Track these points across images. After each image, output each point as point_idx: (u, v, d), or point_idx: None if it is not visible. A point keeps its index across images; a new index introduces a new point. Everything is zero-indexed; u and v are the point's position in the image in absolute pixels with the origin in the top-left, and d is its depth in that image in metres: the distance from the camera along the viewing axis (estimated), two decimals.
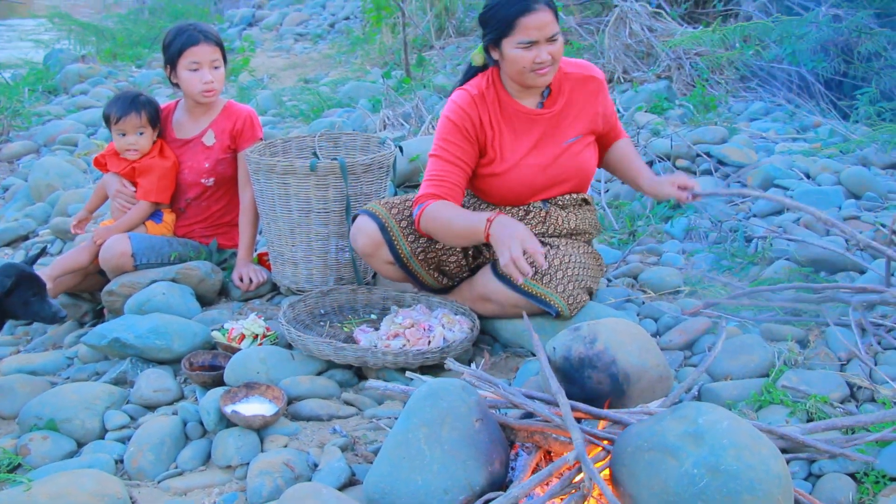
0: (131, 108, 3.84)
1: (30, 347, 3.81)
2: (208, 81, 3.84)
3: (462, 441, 2.21)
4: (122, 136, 3.87)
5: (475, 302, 3.34)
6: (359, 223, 3.35)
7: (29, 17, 15.62)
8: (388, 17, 8.26)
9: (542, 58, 3.10)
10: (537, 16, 3.07)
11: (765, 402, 2.65)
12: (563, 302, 3.13)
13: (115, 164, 3.95)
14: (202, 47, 3.82)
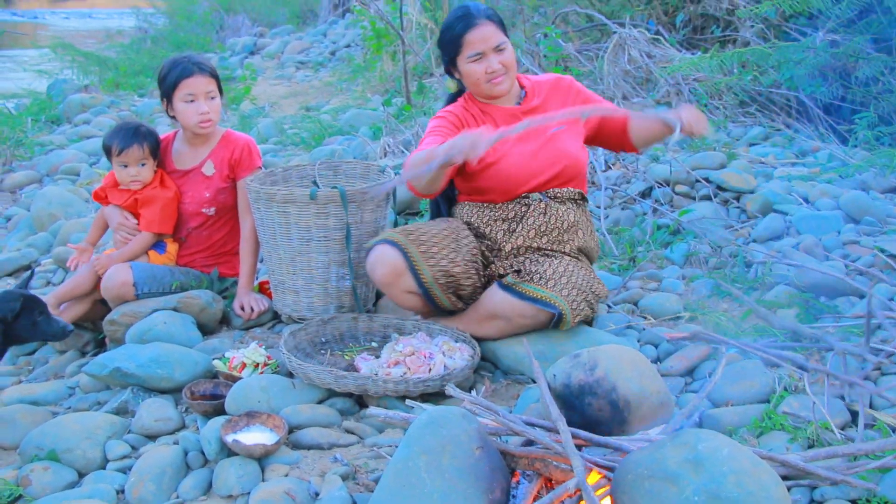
0: (133, 139, 3.86)
1: (31, 377, 3.81)
2: (204, 112, 3.86)
3: (463, 469, 2.20)
4: (123, 167, 3.88)
5: (482, 322, 3.36)
6: (379, 252, 3.34)
7: (32, 47, 15.74)
8: (388, 45, 8.30)
9: (492, 67, 3.39)
10: (479, 30, 3.37)
11: (766, 428, 2.65)
12: (566, 305, 3.19)
13: (117, 196, 3.96)
14: (197, 79, 3.84)
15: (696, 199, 4.65)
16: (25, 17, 27.89)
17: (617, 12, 7.25)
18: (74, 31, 22.20)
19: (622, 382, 2.55)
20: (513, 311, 3.25)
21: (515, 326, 3.30)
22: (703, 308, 3.59)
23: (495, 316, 3.31)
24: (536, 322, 3.26)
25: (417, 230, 3.39)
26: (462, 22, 3.40)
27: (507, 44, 3.41)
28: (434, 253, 3.32)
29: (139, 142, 3.86)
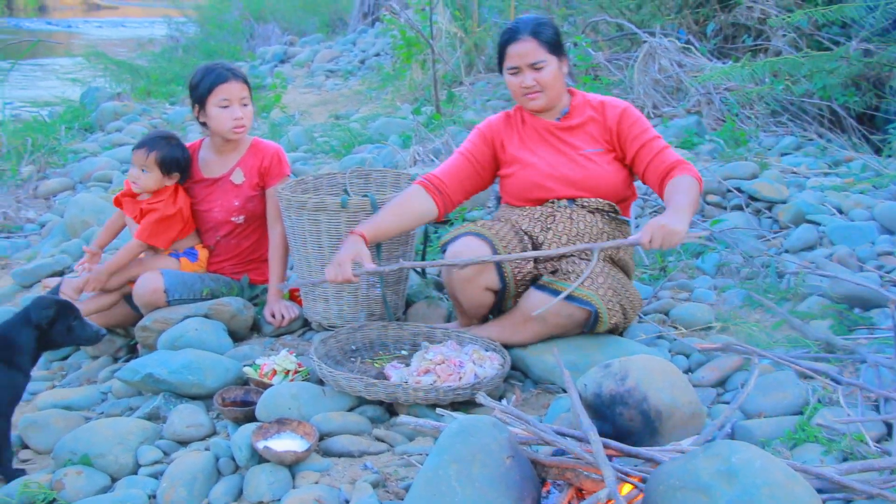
0: (144, 144, 3.88)
1: (65, 382, 3.85)
2: (239, 118, 3.88)
3: (493, 478, 2.20)
4: (132, 166, 3.92)
5: (517, 328, 3.35)
6: (466, 244, 3.32)
7: (66, 55, 15.91)
8: (417, 53, 8.32)
9: (526, 83, 3.44)
10: (519, 45, 3.42)
11: (799, 440, 2.63)
12: (602, 304, 3.18)
13: (130, 207, 3.98)
14: (232, 84, 3.87)
15: (727, 208, 4.62)
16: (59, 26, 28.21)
17: (647, 21, 7.24)
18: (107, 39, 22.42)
19: (653, 393, 2.54)
20: (549, 310, 3.23)
21: (552, 327, 3.29)
22: (734, 318, 3.57)
23: (531, 318, 3.30)
24: (572, 322, 3.25)
25: (492, 227, 3.40)
26: (507, 34, 3.47)
27: (546, 63, 3.41)
28: (510, 249, 3.33)
29: (149, 147, 3.86)
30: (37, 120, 9.16)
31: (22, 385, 2.99)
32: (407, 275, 3.86)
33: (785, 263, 3.91)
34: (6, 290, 5.04)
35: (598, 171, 3.45)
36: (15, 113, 9.51)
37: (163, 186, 3.92)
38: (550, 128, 3.54)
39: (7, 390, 2.90)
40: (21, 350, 2.95)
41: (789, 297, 3.66)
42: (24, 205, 6.73)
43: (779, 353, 3.15)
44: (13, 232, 6.32)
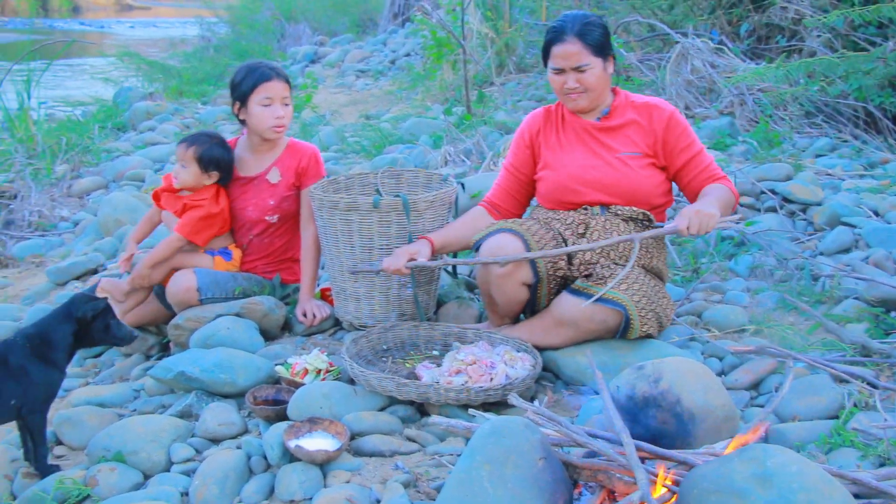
0: (186, 139, 3.93)
1: (98, 379, 3.88)
2: (280, 117, 3.90)
3: (526, 480, 2.19)
4: (175, 162, 3.95)
5: (547, 330, 3.35)
6: (500, 241, 3.32)
7: (99, 55, 16.06)
8: (448, 53, 8.32)
9: (569, 84, 3.42)
10: (564, 46, 3.39)
11: (835, 444, 2.60)
12: (634, 309, 3.17)
13: (170, 202, 4.00)
14: (275, 83, 3.89)
15: (761, 210, 4.59)
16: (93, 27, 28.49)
17: (680, 22, 7.20)
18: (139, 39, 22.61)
19: (687, 395, 2.52)
20: (582, 315, 3.22)
21: (583, 333, 3.28)
22: (768, 321, 3.54)
23: (563, 323, 3.29)
24: (605, 328, 3.24)
25: (524, 223, 3.40)
26: (553, 33, 3.43)
27: (590, 65, 3.38)
28: (543, 245, 3.33)
29: (189, 142, 3.89)
30: (71, 119, 9.25)
31: (58, 382, 3.02)
32: (438, 275, 3.86)
33: (820, 266, 3.87)
34: (40, 287, 5.09)
35: (632, 176, 3.42)
36: (49, 112, 9.60)
37: (201, 184, 3.93)
38: (589, 128, 3.52)
39: (43, 387, 2.93)
40: (58, 346, 2.97)
41: (824, 300, 3.63)
42: (58, 203, 6.80)
43: (814, 356, 3.12)
44: (47, 230, 6.39)
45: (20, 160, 7.25)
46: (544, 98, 7.60)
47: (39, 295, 5.00)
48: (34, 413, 2.91)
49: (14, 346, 2.92)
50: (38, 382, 2.90)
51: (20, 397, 2.86)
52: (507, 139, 6.04)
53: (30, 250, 5.97)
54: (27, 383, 2.88)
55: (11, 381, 2.85)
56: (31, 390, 2.89)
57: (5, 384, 2.84)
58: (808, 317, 3.53)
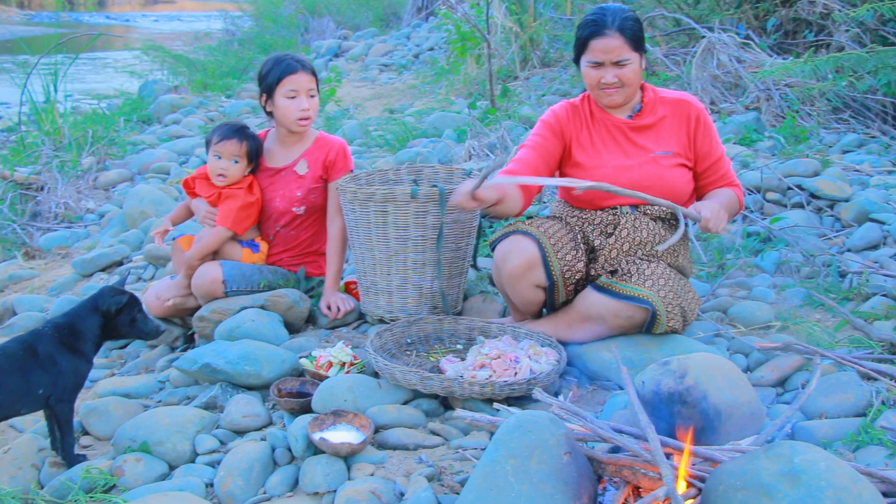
0: (234, 135, 3.92)
1: (123, 371, 3.90)
2: (305, 109, 3.91)
3: (550, 474, 2.18)
4: (217, 158, 3.94)
5: (572, 325, 3.34)
6: (514, 242, 3.34)
7: (125, 49, 16.15)
8: (472, 48, 8.32)
9: (607, 79, 3.33)
10: (605, 40, 3.29)
11: (862, 442, 2.58)
12: (661, 304, 3.16)
13: (204, 189, 4.01)
14: (300, 75, 3.90)
15: (787, 206, 4.55)
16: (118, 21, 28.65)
17: (706, 16, 7.15)
18: (164, 33, 22.73)
19: (713, 391, 2.50)
20: (608, 311, 3.22)
21: (610, 329, 3.27)
22: (795, 318, 3.51)
23: (589, 318, 3.28)
24: (632, 323, 3.23)
25: (542, 224, 3.39)
26: (592, 27, 3.32)
27: (630, 61, 3.31)
28: (560, 248, 3.32)
29: (239, 139, 3.91)
30: (96, 112, 9.31)
31: (85, 372, 3.03)
32: (465, 269, 3.86)
33: (847, 262, 3.84)
34: (67, 279, 5.13)
35: (666, 177, 3.38)
36: (75, 105, 9.67)
37: (243, 175, 3.98)
38: (622, 126, 3.45)
39: (71, 376, 2.95)
40: (85, 337, 3.00)
41: (852, 297, 3.60)
42: (84, 195, 6.85)
43: (841, 353, 3.09)
44: (73, 222, 6.44)
45: (47, 152, 7.30)
46: (568, 92, 7.58)
47: (65, 286, 5.04)
48: (62, 402, 2.93)
49: (43, 336, 2.95)
50: (66, 372, 2.92)
51: (48, 386, 2.88)
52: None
53: (56, 242, 6.02)
54: (55, 373, 2.90)
55: (40, 371, 2.87)
56: (60, 380, 2.91)
57: (34, 373, 2.86)
58: (835, 313, 3.51)
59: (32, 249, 5.93)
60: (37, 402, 2.91)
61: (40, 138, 7.67)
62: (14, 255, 5.90)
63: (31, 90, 7.95)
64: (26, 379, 2.85)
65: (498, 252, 3.37)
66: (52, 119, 7.80)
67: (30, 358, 2.88)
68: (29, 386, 2.85)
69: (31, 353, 2.89)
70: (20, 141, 7.84)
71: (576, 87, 7.62)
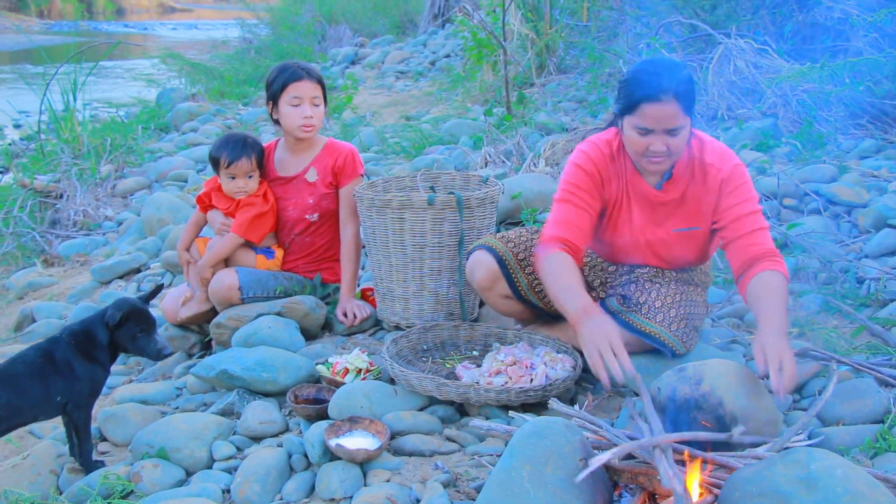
0: (242, 153, 3.93)
1: (141, 377, 3.92)
2: (308, 117, 3.92)
3: (565, 481, 2.19)
4: (231, 179, 3.96)
5: None
6: (476, 257, 3.43)
7: (143, 57, 16.24)
8: (489, 54, 8.32)
9: (656, 147, 2.93)
10: (660, 107, 2.85)
11: (880, 449, 2.56)
12: (677, 341, 3.11)
13: (222, 201, 4.04)
14: (304, 83, 3.92)
15: (804, 212, 4.53)
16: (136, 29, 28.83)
17: (722, 22, 7.13)
18: (181, 41, 22.85)
19: (729, 398, 2.50)
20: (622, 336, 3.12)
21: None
22: (812, 324, 3.50)
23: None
24: (643, 348, 3.18)
25: (518, 237, 3.41)
26: (645, 90, 2.86)
27: (683, 128, 2.91)
28: (523, 265, 3.34)
29: (248, 155, 3.93)
30: (115, 120, 9.37)
31: (101, 379, 3.05)
32: None
33: (865, 269, 3.82)
34: (85, 286, 5.17)
35: (688, 248, 3.22)
36: (94, 113, 9.74)
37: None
38: (649, 197, 3.14)
39: (87, 383, 2.97)
40: (100, 346, 3.01)
41: (869, 304, 3.58)
42: (102, 203, 6.90)
43: (858, 359, 3.07)
44: (92, 229, 6.49)
45: (66, 160, 7.36)
46: (584, 99, 7.57)
47: (84, 293, 5.08)
48: (79, 409, 2.95)
49: (60, 343, 2.97)
50: (82, 378, 2.94)
51: (65, 393, 2.90)
52: (546, 140, 6.03)
53: (75, 249, 6.06)
54: (72, 379, 2.92)
55: (57, 377, 2.90)
56: (76, 386, 2.93)
57: (51, 380, 2.88)
58: (852, 320, 3.49)
59: (51, 257, 5.98)
60: (54, 409, 2.93)
61: (59, 146, 7.74)
62: (33, 263, 5.95)
63: (51, 99, 8.02)
64: (45, 386, 2.87)
65: (466, 266, 3.50)
66: (71, 127, 7.87)
67: (48, 365, 2.90)
68: (47, 393, 2.88)
69: (49, 361, 2.91)
70: (40, 149, 7.91)
71: (591, 93, 7.62)
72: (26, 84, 9.30)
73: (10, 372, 2.87)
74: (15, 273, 5.86)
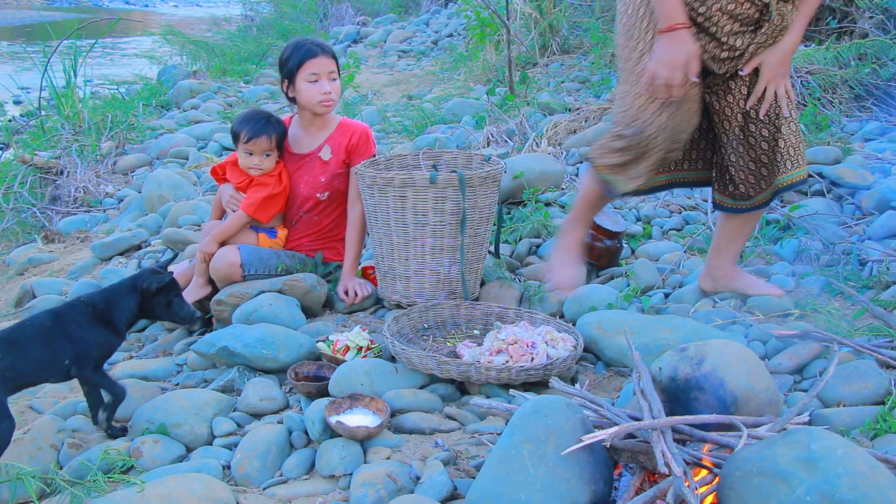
0: (263, 130, 3.93)
1: (142, 353, 3.92)
2: (327, 92, 3.93)
3: (566, 459, 2.18)
4: (248, 155, 3.96)
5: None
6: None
7: (144, 34, 16.18)
8: (492, 34, 8.28)
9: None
10: None
11: (880, 430, 2.56)
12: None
13: (235, 175, 4.04)
14: (321, 59, 3.91)
15: (808, 194, 4.52)
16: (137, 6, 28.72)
17: None
18: (183, 18, 22.75)
19: (730, 378, 2.48)
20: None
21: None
22: (814, 306, 3.49)
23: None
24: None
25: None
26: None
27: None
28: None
29: (269, 133, 3.93)
30: (115, 97, 9.33)
31: (114, 344, 3.06)
32: (484, 255, 3.86)
33: (867, 251, 3.81)
34: (86, 262, 5.16)
35: None
36: (95, 90, 9.70)
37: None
38: None
39: (99, 347, 2.98)
40: (120, 313, 3.02)
41: (871, 286, 3.57)
42: (103, 180, 6.87)
43: (860, 341, 3.07)
44: (92, 206, 6.47)
45: (66, 137, 7.33)
46: (587, 79, 7.54)
47: (84, 270, 5.06)
48: (85, 373, 2.94)
49: (75, 308, 2.99)
50: (92, 344, 2.94)
51: (73, 357, 2.90)
52: (549, 120, 6.01)
53: (75, 226, 6.05)
54: (82, 344, 2.91)
55: (66, 341, 2.89)
56: (85, 351, 2.92)
57: (60, 343, 2.88)
58: (854, 302, 3.48)
59: (52, 233, 5.96)
60: (62, 372, 2.93)
61: (60, 123, 7.70)
62: (34, 239, 5.94)
63: (51, 75, 7.98)
64: (51, 349, 2.87)
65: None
66: (71, 104, 7.83)
67: (57, 328, 2.90)
68: (54, 356, 2.87)
69: (60, 324, 2.91)
70: (40, 125, 7.88)
71: (594, 74, 7.59)
72: (28, 59, 9.26)
73: (17, 334, 2.88)
74: (15, 249, 5.84)
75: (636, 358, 2.57)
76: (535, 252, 4.37)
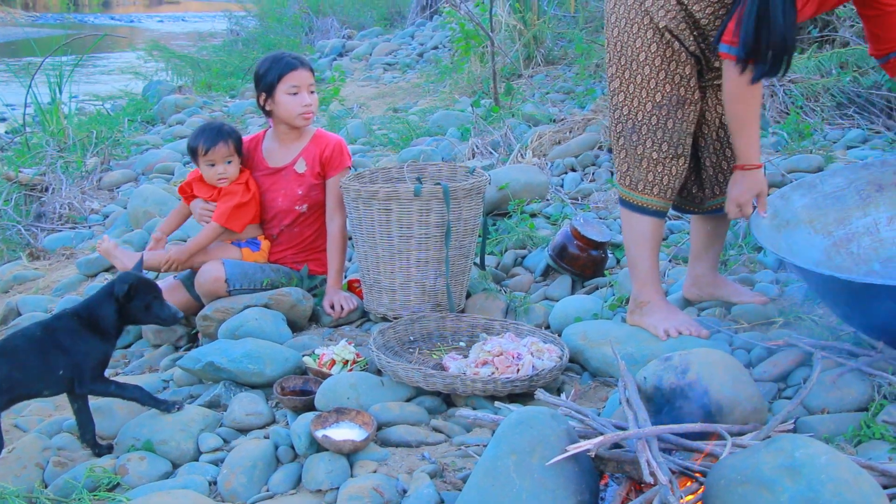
0: (218, 138, 3.94)
1: (127, 370, 3.91)
2: (307, 104, 3.94)
3: (552, 470, 2.19)
4: (210, 166, 3.96)
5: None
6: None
7: (129, 49, 16.19)
8: (476, 46, 8.31)
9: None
10: None
11: (864, 437, 2.57)
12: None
13: (203, 190, 4.04)
14: (301, 72, 3.94)
15: None
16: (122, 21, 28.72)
17: None
18: (168, 34, 22.76)
19: (715, 386, 2.50)
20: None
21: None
22: (797, 313, 3.50)
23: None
24: None
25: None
26: None
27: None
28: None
29: (224, 139, 3.94)
30: (101, 113, 9.33)
31: (108, 351, 3.05)
32: (469, 267, 3.87)
33: None
34: (71, 279, 5.15)
35: None
36: (80, 106, 9.70)
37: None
38: None
39: (91, 356, 2.97)
40: (104, 322, 3.01)
41: None
42: (88, 196, 6.86)
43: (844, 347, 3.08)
44: (78, 223, 6.45)
45: (51, 153, 7.33)
46: (572, 90, 7.57)
47: (70, 287, 5.05)
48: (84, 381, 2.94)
49: (63, 318, 2.99)
50: (83, 353, 2.94)
51: (67, 367, 2.90)
52: (534, 131, 6.02)
53: (60, 242, 6.03)
54: (74, 354, 2.92)
55: (58, 352, 2.90)
56: (79, 361, 2.93)
57: (52, 354, 2.89)
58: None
59: (37, 250, 5.94)
60: (58, 384, 2.93)
61: (45, 139, 7.70)
62: (19, 256, 5.92)
63: (36, 91, 7.98)
64: (45, 359, 2.88)
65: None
66: (56, 120, 7.83)
67: (48, 339, 2.91)
68: (48, 366, 2.88)
69: (51, 335, 2.92)
70: (25, 142, 7.87)
71: (579, 85, 7.62)
72: (12, 76, 9.25)
73: (10, 345, 2.89)
74: (0, 266, 5.83)
75: (622, 368, 2.59)
76: (521, 263, 4.38)
